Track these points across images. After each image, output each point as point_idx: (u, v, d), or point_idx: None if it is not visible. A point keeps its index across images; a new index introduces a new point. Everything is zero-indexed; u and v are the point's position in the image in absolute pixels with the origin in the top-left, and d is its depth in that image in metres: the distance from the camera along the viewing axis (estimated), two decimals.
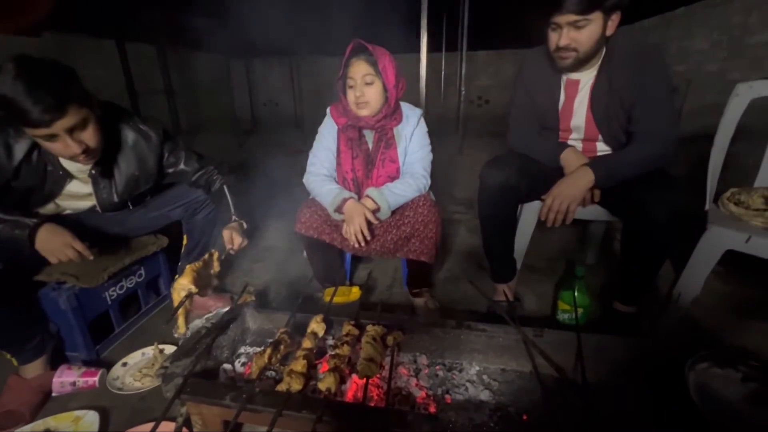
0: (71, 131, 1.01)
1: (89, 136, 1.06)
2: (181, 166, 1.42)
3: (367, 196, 1.35)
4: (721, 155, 1.42)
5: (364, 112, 1.34)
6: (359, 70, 1.29)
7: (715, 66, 3.61)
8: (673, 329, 1.37)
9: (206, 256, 1.32)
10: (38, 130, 0.97)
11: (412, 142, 1.44)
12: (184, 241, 1.53)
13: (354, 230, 1.30)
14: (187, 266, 1.22)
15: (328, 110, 1.48)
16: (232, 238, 1.33)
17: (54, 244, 1.09)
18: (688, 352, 0.93)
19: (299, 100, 8.45)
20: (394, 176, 1.44)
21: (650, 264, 1.26)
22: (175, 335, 1.26)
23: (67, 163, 1.18)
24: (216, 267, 1.35)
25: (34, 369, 1.17)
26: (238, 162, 3.84)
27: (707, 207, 1.41)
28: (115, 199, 1.30)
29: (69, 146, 1.02)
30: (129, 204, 1.39)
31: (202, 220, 1.47)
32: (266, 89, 8.71)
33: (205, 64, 7.48)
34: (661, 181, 1.18)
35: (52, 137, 1.00)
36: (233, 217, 1.38)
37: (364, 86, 1.30)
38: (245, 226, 1.38)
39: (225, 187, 1.41)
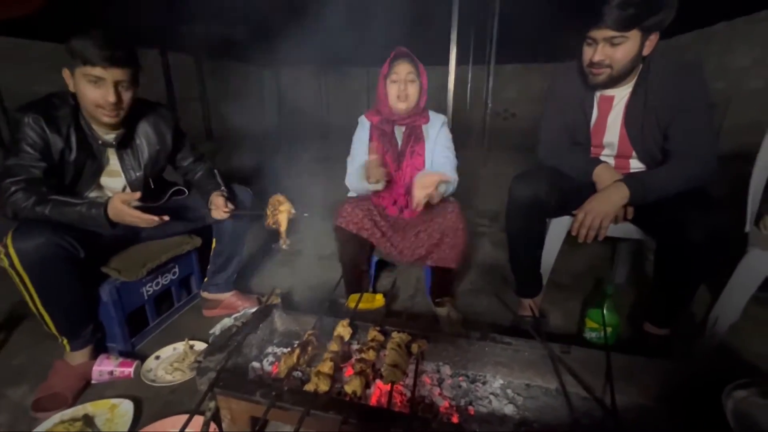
0: (117, 84, 1.16)
1: (127, 97, 1.22)
2: (184, 150, 1.56)
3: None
4: (763, 175, 1.36)
5: (402, 106, 1.50)
6: (404, 68, 1.47)
7: (757, 83, 3.47)
8: (708, 354, 1.31)
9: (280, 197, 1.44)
10: (95, 69, 1.11)
11: (438, 143, 1.57)
12: (213, 245, 1.60)
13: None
14: (282, 197, 1.42)
15: (361, 118, 1.64)
16: (224, 202, 1.43)
17: (119, 214, 1.18)
18: (725, 379, 0.89)
19: (326, 109, 8.66)
20: (420, 168, 1.56)
21: (685, 287, 1.22)
22: (284, 247, 1.41)
23: (101, 133, 1.27)
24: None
25: (80, 356, 1.25)
26: (266, 167, 3.97)
27: (748, 229, 1.35)
28: (139, 173, 1.38)
29: (109, 93, 1.15)
30: (151, 183, 1.45)
31: (232, 225, 1.54)
32: (294, 98, 8.97)
33: (237, 74, 7.79)
34: (698, 201, 1.15)
35: (98, 80, 1.13)
36: (222, 188, 1.49)
37: (407, 83, 1.48)
38: (226, 194, 1.47)
39: (215, 170, 1.57)
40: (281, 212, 1.42)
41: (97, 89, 1.15)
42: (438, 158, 1.56)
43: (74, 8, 3.05)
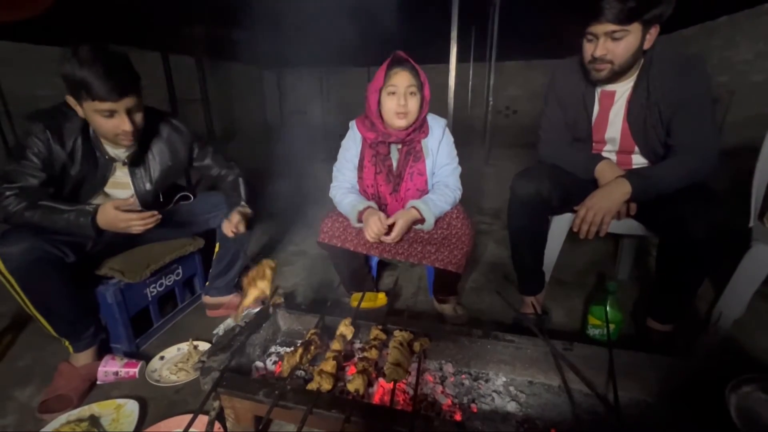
0: (129, 111, 1.14)
1: (139, 119, 1.19)
2: (207, 160, 1.52)
3: (413, 207, 1.33)
4: (767, 170, 1.35)
5: (401, 123, 1.32)
6: (404, 80, 1.28)
7: (761, 76, 3.44)
8: (711, 350, 1.30)
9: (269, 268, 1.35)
10: (105, 104, 1.08)
11: (440, 153, 1.43)
12: (217, 248, 1.59)
13: (373, 233, 1.28)
14: (269, 270, 1.32)
15: (352, 123, 1.48)
16: (238, 221, 1.37)
17: (111, 221, 1.17)
18: (729, 375, 0.89)
19: (327, 109, 8.67)
20: (422, 189, 1.43)
21: (688, 283, 1.21)
22: (230, 321, 1.37)
23: (110, 148, 1.27)
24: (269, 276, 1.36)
25: (84, 358, 1.26)
26: (267, 168, 3.98)
27: (752, 224, 1.34)
28: (149, 187, 1.37)
29: (124, 122, 1.13)
30: (160, 196, 1.45)
31: None
32: (296, 98, 8.98)
33: (239, 75, 7.81)
34: (701, 196, 1.14)
35: (111, 113, 1.11)
36: (243, 203, 1.44)
37: (408, 96, 1.29)
38: (250, 214, 1.43)
39: (240, 179, 1.51)
40: (255, 287, 1.30)
41: (110, 120, 1.13)
42: (443, 169, 1.43)
43: (77, 12, 3.07)
